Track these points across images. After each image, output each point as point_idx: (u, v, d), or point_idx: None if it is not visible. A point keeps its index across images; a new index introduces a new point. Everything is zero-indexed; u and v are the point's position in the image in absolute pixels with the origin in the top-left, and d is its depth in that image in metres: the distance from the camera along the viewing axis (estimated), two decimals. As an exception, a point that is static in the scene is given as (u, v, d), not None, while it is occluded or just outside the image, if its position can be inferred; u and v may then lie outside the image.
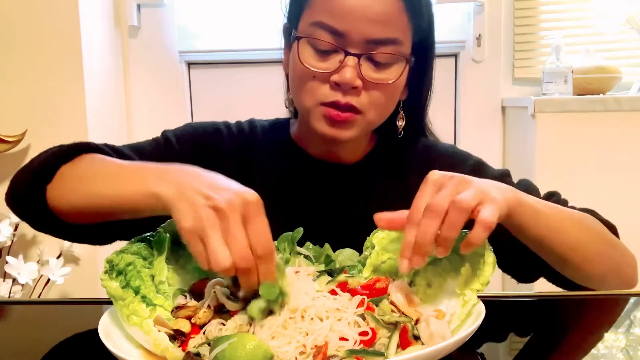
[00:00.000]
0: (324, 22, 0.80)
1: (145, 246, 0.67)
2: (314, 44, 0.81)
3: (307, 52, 0.82)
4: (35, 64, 1.82)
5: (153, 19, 2.18)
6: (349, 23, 0.79)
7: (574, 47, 2.07)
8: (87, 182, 0.73)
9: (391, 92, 0.84)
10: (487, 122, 2.18)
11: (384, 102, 0.84)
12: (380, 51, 0.80)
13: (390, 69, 0.82)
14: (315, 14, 0.82)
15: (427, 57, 0.89)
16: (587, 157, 1.82)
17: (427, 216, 0.61)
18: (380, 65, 0.81)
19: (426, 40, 0.87)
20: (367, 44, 0.80)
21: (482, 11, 2.14)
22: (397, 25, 0.81)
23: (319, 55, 0.81)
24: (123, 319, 0.61)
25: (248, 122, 0.98)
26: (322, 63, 0.81)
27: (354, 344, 0.55)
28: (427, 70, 0.91)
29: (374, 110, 0.83)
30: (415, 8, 0.82)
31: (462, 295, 0.63)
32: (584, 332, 0.72)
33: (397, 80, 0.82)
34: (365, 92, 0.81)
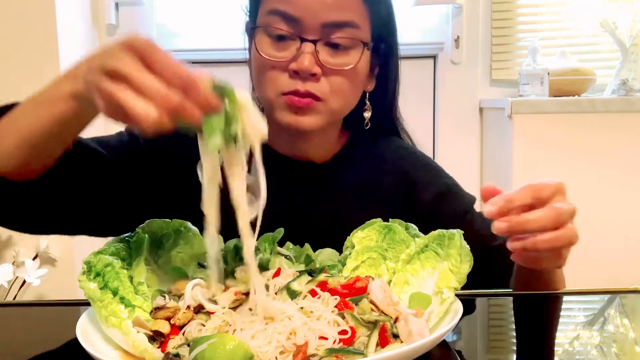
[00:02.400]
0: (279, 8, 0.80)
1: (123, 247, 0.67)
2: (270, 32, 0.81)
3: (264, 42, 0.82)
4: (10, 62, 1.79)
5: (131, 18, 2.16)
6: (303, 8, 0.79)
7: (550, 49, 2.10)
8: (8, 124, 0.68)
9: (352, 78, 0.83)
10: (465, 123, 2.20)
11: (347, 89, 0.83)
12: (337, 35, 0.80)
13: (349, 54, 0.82)
14: (270, 2, 0.82)
15: (390, 46, 0.90)
16: (562, 158, 1.85)
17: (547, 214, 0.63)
18: (339, 50, 0.81)
19: (386, 27, 0.88)
20: (323, 28, 0.80)
21: (460, 13, 2.16)
22: (353, 9, 0.81)
23: (276, 44, 0.81)
24: (101, 321, 0.60)
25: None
26: (280, 52, 0.81)
27: (334, 342, 0.55)
28: (390, 61, 0.92)
29: (336, 97, 0.83)
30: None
31: (439, 293, 0.64)
32: (559, 329, 0.73)
33: (357, 64, 0.82)
34: (326, 78, 0.81)
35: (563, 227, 0.64)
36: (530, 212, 0.63)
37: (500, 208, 0.63)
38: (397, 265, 0.69)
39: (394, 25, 0.91)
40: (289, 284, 0.65)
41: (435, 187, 0.92)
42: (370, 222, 0.74)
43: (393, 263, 0.70)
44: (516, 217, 0.63)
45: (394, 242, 0.71)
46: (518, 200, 0.63)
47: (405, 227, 0.72)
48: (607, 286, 0.84)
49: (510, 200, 0.63)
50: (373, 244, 0.72)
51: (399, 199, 0.83)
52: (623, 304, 0.79)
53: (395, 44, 0.92)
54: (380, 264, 0.71)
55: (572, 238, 0.65)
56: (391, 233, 0.72)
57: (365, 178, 0.92)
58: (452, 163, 2.15)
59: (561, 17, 2.16)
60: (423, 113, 2.22)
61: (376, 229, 0.73)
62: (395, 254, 0.70)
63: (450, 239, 0.67)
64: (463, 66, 2.18)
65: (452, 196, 0.92)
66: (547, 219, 0.63)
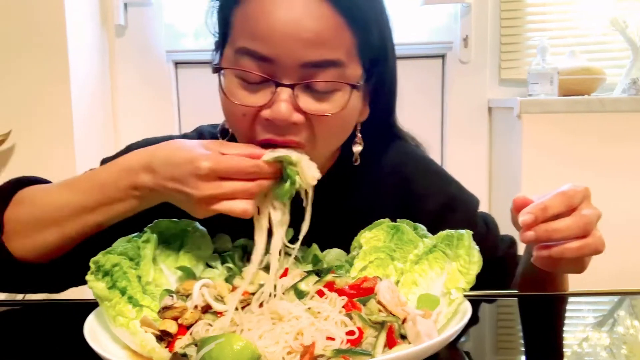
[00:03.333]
0: (248, 47, 0.67)
1: (132, 247, 0.67)
2: (240, 74, 0.68)
3: (232, 84, 0.69)
4: (20, 63, 1.80)
5: (140, 18, 2.17)
6: (277, 46, 0.65)
7: (560, 48, 2.09)
8: (45, 216, 0.72)
9: (341, 120, 0.71)
10: (474, 122, 2.19)
11: (334, 132, 0.73)
12: (319, 78, 0.67)
13: (334, 97, 0.69)
14: (237, 38, 0.69)
15: (385, 71, 0.79)
16: (572, 158, 1.84)
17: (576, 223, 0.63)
18: (321, 93, 0.68)
19: (381, 50, 0.75)
20: (302, 68, 0.66)
21: (468, 12, 2.15)
22: (337, 44, 0.67)
23: (247, 88, 0.68)
24: (109, 320, 0.61)
25: (196, 131, 0.91)
26: (252, 96, 0.68)
27: (341, 343, 0.55)
28: (386, 77, 0.80)
29: (322, 143, 0.71)
30: (358, 22, 0.68)
31: (448, 294, 0.64)
32: (568, 330, 0.73)
33: (344, 109, 0.69)
34: (307, 125, 0.68)
35: (590, 235, 0.64)
36: (559, 220, 0.63)
37: (537, 218, 0.63)
38: (405, 265, 0.69)
39: (390, 45, 0.79)
40: (297, 284, 0.65)
41: (438, 197, 0.87)
42: (378, 222, 0.74)
43: (401, 263, 0.69)
44: (544, 226, 0.63)
45: (402, 243, 0.70)
46: (552, 209, 0.63)
47: (413, 227, 0.72)
48: (618, 287, 0.83)
49: (545, 209, 0.63)
50: (381, 244, 0.72)
51: (399, 212, 0.79)
52: (633, 305, 0.78)
53: (391, 57, 0.80)
54: (388, 264, 0.70)
55: (598, 247, 0.65)
56: (399, 233, 0.71)
57: (364, 191, 0.86)
58: (460, 163, 2.17)
59: (571, 16, 2.15)
60: (431, 113, 2.21)
61: (384, 229, 0.73)
62: (403, 254, 0.70)
63: (459, 240, 0.66)
64: (472, 66, 2.18)
65: (455, 206, 0.87)
66: (576, 227, 0.63)
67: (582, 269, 0.70)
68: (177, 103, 2.25)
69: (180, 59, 2.22)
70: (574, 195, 0.64)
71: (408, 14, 2.16)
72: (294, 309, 0.59)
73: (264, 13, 0.66)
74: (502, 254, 0.89)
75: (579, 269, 0.70)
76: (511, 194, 0.74)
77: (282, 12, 0.66)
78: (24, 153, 1.85)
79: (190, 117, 2.25)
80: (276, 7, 0.66)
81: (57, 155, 1.83)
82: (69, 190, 0.72)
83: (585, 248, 0.64)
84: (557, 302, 0.81)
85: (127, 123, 2.19)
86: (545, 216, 0.63)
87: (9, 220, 0.73)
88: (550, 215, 0.63)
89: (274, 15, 0.66)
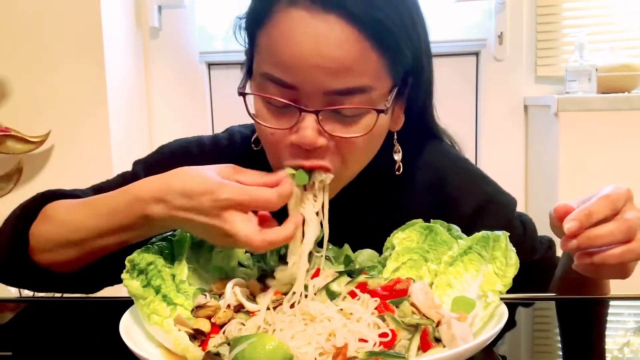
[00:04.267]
0: (271, 74, 0.66)
1: (166, 245, 0.67)
2: (266, 98, 0.68)
3: (259, 105, 0.69)
4: (59, 66, 1.85)
5: (173, 20, 2.20)
6: (300, 75, 0.64)
7: (598, 44, 2.03)
8: (67, 232, 0.73)
9: (367, 142, 0.70)
10: (509, 121, 2.16)
11: (363, 153, 0.72)
12: (344, 104, 0.65)
13: (361, 121, 0.67)
14: (262, 62, 0.68)
15: (421, 76, 0.76)
16: (611, 157, 1.79)
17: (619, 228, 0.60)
18: (347, 117, 0.67)
19: (416, 63, 0.72)
20: (326, 96, 0.65)
21: (503, 9, 2.11)
22: (363, 71, 0.65)
23: (274, 110, 0.68)
24: (144, 318, 0.61)
25: (227, 132, 0.91)
26: (278, 119, 0.68)
27: (374, 345, 0.55)
28: (423, 86, 0.78)
29: (351, 164, 0.71)
30: (387, 44, 0.65)
31: (484, 297, 0.62)
32: (608, 334, 0.71)
33: (373, 129, 0.68)
34: (334, 148, 0.68)
35: (633, 240, 0.61)
36: (602, 226, 0.61)
37: (582, 225, 0.60)
38: (439, 267, 0.68)
39: (426, 50, 0.75)
40: (329, 285, 0.64)
41: (475, 198, 0.85)
42: (411, 223, 0.73)
43: (435, 265, 0.68)
44: (587, 234, 0.60)
45: (436, 244, 0.69)
46: (597, 214, 0.61)
47: (447, 228, 0.71)
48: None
49: (590, 215, 0.61)
50: (414, 245, 0.71)
51: (434, 213, 0.77)
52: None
53: (427, 63, 0.77)
54: (421, 265, 0.69)
55: (626, 256, 0.61)
56: (432, 234, 0.70)
57: (396, 194, 0.85)
58: (496, 163, 2.14)
59: (609, 11, 2.09)
60: (466, 111, 2.18)
61: (417, 230, 0.71)
62: (437, 255, 0.69)
63: (496, 241, 0.65)
64: (507, 63, 2.14)
65: (491, 208, 0.85)
66: (619, 233, 0.61)
67: (626, 274, 0.68)
68: (210, 103, 2.28)
69: (213, 60, 2.25)
70: (618, 199, 0.62)
71: (441, 11, 2.13)
72: (325, 310, 0.59)
73: (286, 39, 0.64)
74: (539, 256, 0.87)
75: (622, 274, 0.68)
76: (548, 195, 0.72)
77: (304, 40, 0.63)
78: (63, 153, 1.90)
79: (223, 117, 2.27)
80: (298, 34, 0.64)
81: (95, 155, 1.88)
82: (87, 211, 0.73)
83: (628, 254, 0.61)
84: (596, 305, 0.79)
85: (161, 122, 2.23)
86: (590, 222, 0.60)
87: (33, 235, 0.75)
88: (595, 221, 0.61)
89: (296, 42, 0.64)
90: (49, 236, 0.75)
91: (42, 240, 0.75)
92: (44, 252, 0.74)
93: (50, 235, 0.74)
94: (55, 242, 0.74)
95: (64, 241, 0.73)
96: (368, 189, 0.82)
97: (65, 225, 0.74)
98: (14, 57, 1.84)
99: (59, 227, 0.74)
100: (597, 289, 0.79)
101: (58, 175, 1.89)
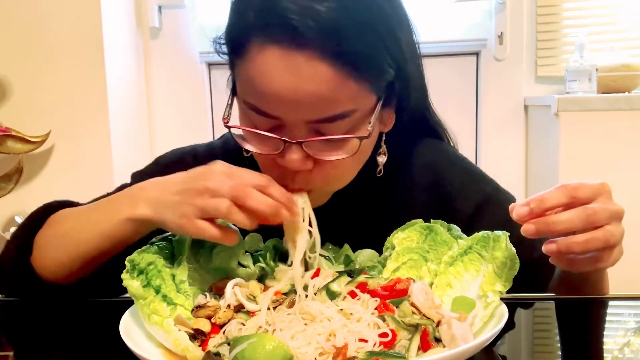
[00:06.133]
0: (253, 104, 0.67)
1: (166, 245, 0.68)
2: (251, 124, 0.69)
3: (246, 126, 0.70)
4: (59, 65, 1.85)
5: (174, 20, 2.20)
6: (280, 109, 0.65)
7: (599, 44, 2.03)
8: (63, 238, 0.76)
9: (354, 159, 0.70)
10: (509, 121, 2.15)
11: (350, 170, 0.73)
12: (327, 129, 0.66)
13: (347, 144, 0.67)
14: (243, 90, 0.69)
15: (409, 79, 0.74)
16: (612, 157, 1.79)
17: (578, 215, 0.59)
18: (332, 142, 0.67)
19: (400, 73, 0.70)
20: (309, 124, 0.66)
21: (503, 9, 2.11)
22: (344, 98, 0.65)
23: (260, 136, 0.68)
24: (144, 318, 0.61)
25: (222, 139, 0.91)
26: (264, 144, 0.68)
27: (374, 345, 0.55)
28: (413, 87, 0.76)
29: (338, 180, 0.73)
30: (364, 68, 0.64)
31: (484, 297, 0.62)
32: (608, 334, 0.71)
33: (357, 151, 0.68)
34: (320, 169, 0.68)
35: (599, 229, 0.60)
36: (561, 213, 0.60)
37: (532, 209, 0.60)
38: (439, 267, 0.68)
39: (412, 53, 0.74)
40: (329, 285, 0.64)
41: (473, 197, 0.85)
42: (411, 223, 0.73)
43: (435, 265, 0.68)
44: (544, 218, 0.60)
45: (436, 244, 0.69)
46: (551, 200, 0.60)
47: (447, 227, 0.71)
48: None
49: (542, 200, 0.60)
50: (414, 245, 0.71)
51: (433, 212, 0.77)
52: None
53: (414, 65, 0.76)
54: (421, 265, 0.69)
55: (609, 240, 0.60)
56: (432, 234, 0.70)
57: (395, 194, 0.85)
58: (496, 163, 2.14)
59: (610, 11, 2.09)
60: (465, 111, 2.18)
61: (417, 230, 0.71)
62: (437, 255, 0.69)
63: (496, 241, 0.65)
64: (507, 63, 2.14)
65: (490, 206, 0.85)
66: (578, 219, 0.59)
67: (600, 265, 0.64)
68: (210, 103, 2.28)
69: (213, 61, 2.24)
70: (577, 188, 0.60)
71: (441, 11, 2.13)
72: (326, 310, 0.59)
73: (262, 77, 0.64)
74: (538, 254, 0.86)
75: (597, 265, 0.64)
76: (549, 195, 0.72)
77: (280, 77, 0.63)
78: (63, 152, 1.90)
79: (223, 117, 2.27)
80: (274, 72, 0.63)
81: (95, 154, 1.88)
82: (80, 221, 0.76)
83: (592, 242, 0.59)
84: (596, 305, 0.79)
85: (161, 122, 2.23)
86: (542, 208, 0.60)
87: (37, 244, 0.78)
88: (548, 206, 0.60)
89: (272, 80, 0.64)
90: (49, 241, 0.77)
91: (43, 247, 0.77)
92: (45, 259, 0.76)
93: (51, 240, 0.77)
94: (56, 247, 0.76)
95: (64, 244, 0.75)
96: (366, 189, 0.82)
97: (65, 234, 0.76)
98: (14, 57, 1.84)
99: (60, 232, 0.76)
100: (593, 287, 0.79)
101: (58, 175, 1.89)
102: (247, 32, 0.65)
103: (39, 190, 1.88)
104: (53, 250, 0.76)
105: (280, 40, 0.63)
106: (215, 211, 0.63)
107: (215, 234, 0.64)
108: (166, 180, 0.70)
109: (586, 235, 0.60)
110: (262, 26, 0.64)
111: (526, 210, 0.60)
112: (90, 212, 0.77)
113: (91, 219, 0.75)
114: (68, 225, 0.77)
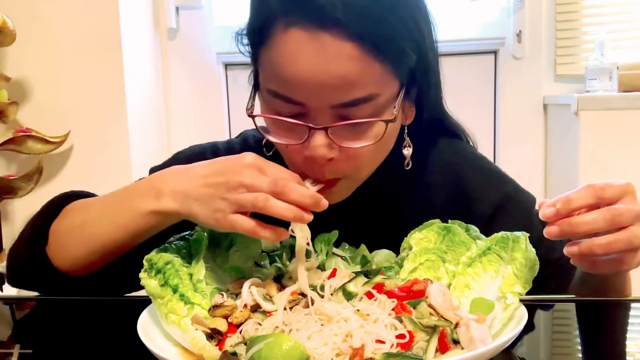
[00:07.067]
0: (277, 91, 0.67)
1: (183, 245, 0.68)
2: (276, 113, 0.69)
3: (270, 121, 0.71)
4: (78, 66, 1.87)
5: (191, 21, 2.22)
6: (304, 93, 0.65)
7: (619, 42, 2.00)
8: (81, 230, 0.75)
9: (379, 148, 0.70)
10: (528, 120, 2.13)
11: (375, 156, 0.73)
12: (352, 114, 0.66)
13: (371, 130, 0.68)
14: (267, 79, 0.69)
15: (428, 69, 0.75)
16: (632, 156, 1.76)
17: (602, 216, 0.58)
18: (357, 127, 0.67)
19: (421, 60, 0.71)
20: (333, 109, 0.66)
21: (522, 7, 2.09)
22: (369, 80, 0.65)
23: (284, 125, 0.68)
24: (161, 317, 0.62)
25: (241, 137, 0.92)
26: (289, 134, 0.69)
27: (391, 346, 0.54)
28: (430, 79, 0.76)
29: (364, 169, 0.73)
30: (388, 50, 0.65)
31: (503, 298, 0.62)
32: (630, 337, 0.70)
33: (382, 137, 0.68)
34: (345, 156, 0.68)
35: (624, 230, 0.58)
36: (585, 214, 0.59)
37: (558, 210, 0.59)
38: (457, 268, 0.67)
39: (430, 44, 0.74)
40: (345, 285, 0.64)
41: (493, 198, 0.84)
42: (428, 223, 0.72)
43: (453, 266, 0.68)
44: (568, 220, 0.59)
45: (454, 244, 0.69)
46: (577, 201, 0.59)
47: (465, 228, 0.70)
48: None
49: (568, 201, 0.59)
50: (431, 246, 0.70)
51: (452, 213, 0.76)
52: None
53: (432, 55, 0.75)
54: (439, 266, 0.69)
55: (632, 241, 0.59)
56: (450, 234, 0.69)
57: (413, 194, 0.84)
58: (515, 163, 2.11)
59: (630, 8, 2.06)
60: (484, 111, 2.16)
61: (435, 230, 0.71)
62: (455, 256, 0.68)
63: (515, 242, 0.64)
64: (526, 61, 2.11)
65: (510, 206, 0.84)
66: (603, 220, 0.58)
67: (624, 267, 0.63)
68: (227, 103, 2.29)
69: (230, 61, 2.25)
70: (603, 188, 0.59)
71: (459, 10, 2.11)
72: (342, 311, 0.59)
73: (286, 61, 0.65)
74: (559, 255, 0.85)
75: (621, 267, 0.63)
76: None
77: (304, 60, 0.64)
78: (83, 152, 1.92)
79: (240, 117, 2.27)
80: (298, 55, 0.64)
81: (114, 154, 1.90)
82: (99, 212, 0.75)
83: (616, 243, 0.58)
84: (617, 307, 0.78)
85: (179, 122, 2.24)
86: (569, 208, 0.58)
87: (53, 232, 0.77)
88: (574, 207, 0.59)
89: (297, 64, 0.64)
90: (67, 232, 0.76)
91: (60, 237, 0.76)
92: (62, 249, 0.75)
93: (68, 230, 0.76)
94: (73, 239, 0.75)
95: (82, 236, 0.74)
96: (383, 188, 0.82)
97: (82, 225, 0.75)
98: (34, 58, 1.87)
99: (78, 223, 0.75)
100: (614, 289, 0.77)
101: (78, 175, 1.91)
102: (270, 18, 0.66)
103: (58, 190, 1.87)
104: (70, 242, 0.75)
105: (305, 22, 0.63)
106: (252, 205, 0.62)
107: (251, 227, 0.63)
108: (189, 170, 0.69)
109: (609, 237, 0.59)
110: (286, 9, 0.64)
111: (552, 211, 0.59)
112: (108, 204, 0.76)
113: (110, 211, 0.73)
114: (86, 216, 0.76)
